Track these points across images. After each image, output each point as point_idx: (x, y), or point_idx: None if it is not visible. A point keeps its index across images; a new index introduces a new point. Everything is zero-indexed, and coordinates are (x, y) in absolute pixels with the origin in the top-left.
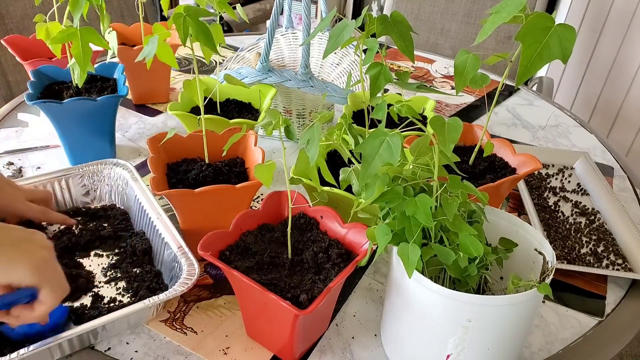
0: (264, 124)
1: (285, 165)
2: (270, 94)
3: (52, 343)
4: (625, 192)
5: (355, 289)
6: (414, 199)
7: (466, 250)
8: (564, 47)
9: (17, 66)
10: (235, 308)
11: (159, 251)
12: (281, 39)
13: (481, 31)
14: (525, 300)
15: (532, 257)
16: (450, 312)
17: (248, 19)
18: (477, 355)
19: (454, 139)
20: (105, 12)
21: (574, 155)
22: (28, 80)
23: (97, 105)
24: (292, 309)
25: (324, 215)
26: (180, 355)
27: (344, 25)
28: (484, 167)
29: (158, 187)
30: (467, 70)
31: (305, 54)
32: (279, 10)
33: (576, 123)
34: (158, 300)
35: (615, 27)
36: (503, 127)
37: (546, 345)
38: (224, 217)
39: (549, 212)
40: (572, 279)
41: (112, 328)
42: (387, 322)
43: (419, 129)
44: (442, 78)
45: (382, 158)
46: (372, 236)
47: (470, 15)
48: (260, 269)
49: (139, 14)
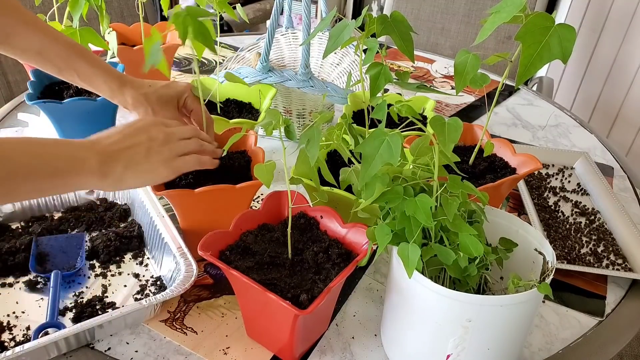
0: (264, 124)
1: (285, 165)
2: (270, 94)
3: (48, 341)
4: (625, 192)
5: (355, 289)
6: (414, 199)
7: (466, 250)
8: (564, 47)
9: (17, 66)
10: (235, 308)
11: (159, 251)
12: (281, 39)
13: (481, 31)
14: (525, 300)
15: (532, 257)
16: (450, 312)
17: (248, 19)
18: (477, 355)
19: (454, 139)
20: (104, 12)
21: (574, 155)
22: (28, 80)
23: (97, 105)
24: (292, 309)
25: (324, 215)
26: (180, 355)
27: (344, 25)
28: (484, 167)
29: (158, 187)
30: (467, 70)
31: (305, 54)
32: (279, 10)
33: (576, 123)
34: (155, 300)
35: (615, 27)
36: (503, 127)
37: (546, 345)
38: (224, 217)
39: (549, 212)
40: (572, 279)
41: (109, 327)
42: (387, 322)
43: (419, 129)
44: (442, 78)
45: (382, 158)
46: (372, 236)
47: (470, 15)
48: (260, 269)
49: (139, 14)
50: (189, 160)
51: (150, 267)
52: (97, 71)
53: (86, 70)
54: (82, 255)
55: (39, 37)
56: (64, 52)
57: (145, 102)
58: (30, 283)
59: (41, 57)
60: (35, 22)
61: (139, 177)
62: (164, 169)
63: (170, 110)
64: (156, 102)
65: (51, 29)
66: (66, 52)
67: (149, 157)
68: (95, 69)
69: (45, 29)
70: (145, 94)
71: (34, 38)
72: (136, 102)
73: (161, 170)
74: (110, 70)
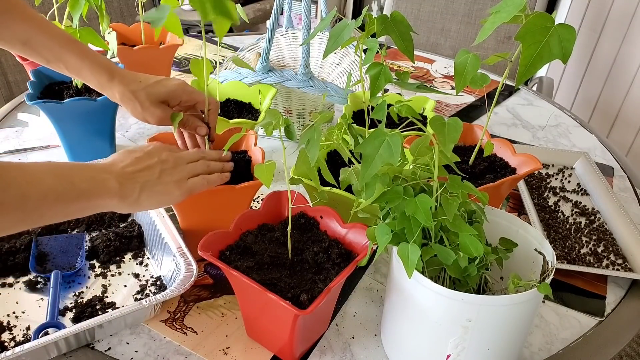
0: (264, 124)
1: (286, 165)
2: (270, 94)
3: (48, 341)
4: (625, 192)
5: (355, 289)
6: (414, 199)
7: (466, 250)
8: (564, 47)
9: (17, 66)
10: (235, 308)
11: (159, 251)
12: (281, 39)
13: (481, 31)
14: (525, 300)
15: (532, 257)
16: (450, 312)
17: (248, 19)
18: (477, 355)
19: (454, 139)
20: (104, 12)
21: (574, 155)
22: (28, 80)
23: (97, 105)
24: (292, 309)
25: (324, 215)
26: (180, 355)
27: (344, 25)
28: (484, 167)
29: None
30: (467, 70)
31: (305, 54)
32: (279, 10)
33: (576, 123)
34: (155, 300)
35: (615, 27)
36: (503, 127)
37: (546, 345)
38: (224, 217)
39: (549, 212)
40: (572, 279)
41: (109, 327)
42: (387, 322)
43: (419, 129)
44: (442, 78)
45: (382, 158)
46: (372, 236)
47: (470, 15)
48: (260, 269)
49: (139, 13)
50: (198, 181)
51: (150, 267)
52: (85, 63)
53: (74, 63)
54: (82, 255)
55: (24, 27)
56: (51, 43)
57: (134, 98)
58: (30, 283)
59: (28, 47)
60: (22, 10)
61: (153, 198)
62: (176, 190)
63: (159, 108)
64: (145, 99)
65: (39, 19)
66: (52, 43)
67: (162, 179)
68: (83, 61)
69: (32, 18)
70: (133, 90)
71: (20, 28)
72: (124, 98)
73: (174, 191)
74: (99, 62)
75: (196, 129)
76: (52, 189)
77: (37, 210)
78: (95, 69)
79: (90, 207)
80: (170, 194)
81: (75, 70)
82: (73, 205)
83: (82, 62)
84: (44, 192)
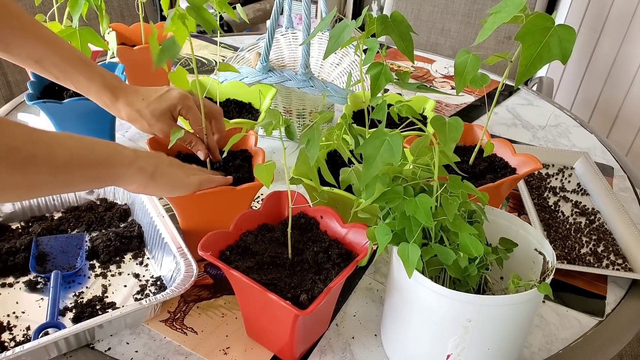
0: (264, 124)
1: (286, 165)
2: (270, 94)
3: (48, 341)
4: (625, 192)
5: (355, 289)
6: (414, 199)
7: (466, 250)
8: (563, 47)
9: (17, 66)
10: (235, 308)
11: (159, 251)
12: (281, 39)
13: (481, 31)
14: (525, 300)
15: (532, 257)
16: (450, 312)
17: (248, 19)
18: (477, 355)
19: (455, 139)
20: (104, 12)
21: (574, 155)
22: (28, 80)
23: (97, 105)
24: (292, 309)
25: (324, 215)
26: (180, 355)
27: (344, 25)
28: (484, 167)
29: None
30: (467, 70)
31: (305, 54)
32: (279, 10)
33: (576, 123)
34: (155, 300)
35: (615, 27)
36: (503, 127)
37: (546, 345)
38: (224, 217)
39: (549, 212)
40: (572, 279)
41: (109, 327)
42: (387, 322)
43: (419, 129)
44: (442, 78)
45: (383, 158)
46: (372, 236)
47: (470, 15)
48: (260, 269)
49: (139, 14)
50: (205, 177)
51: (150, 267)
52: (93, 85)
53: (83, 83)
54: (82, 255)
55: (36, 46)
56: (62, 64)
57: (140, 117)
58: (30, 283)
59: (39, 66)
60: (34, 30)
61: (166, 178)
62: (185, 178)
63: (165, 122)
64: (150, 117)
65: (51, 37)
66: (64, 64)
67: (172, 168)
68: (91, 83)
69: (44, 37)
70: (138, 110)
71: (32, 47)
72: (131, 118)
73: (184, 178)
74: (105, 83)
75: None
76: (76, 150)
77: (65, 167)
78: (101, 90)
79: (111, 175)
80: (181, 180)
81: (84, 90)
82: (95, 170)
83: (90, 83)
84: (69, 151)
